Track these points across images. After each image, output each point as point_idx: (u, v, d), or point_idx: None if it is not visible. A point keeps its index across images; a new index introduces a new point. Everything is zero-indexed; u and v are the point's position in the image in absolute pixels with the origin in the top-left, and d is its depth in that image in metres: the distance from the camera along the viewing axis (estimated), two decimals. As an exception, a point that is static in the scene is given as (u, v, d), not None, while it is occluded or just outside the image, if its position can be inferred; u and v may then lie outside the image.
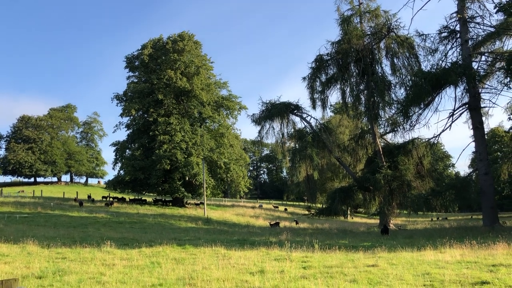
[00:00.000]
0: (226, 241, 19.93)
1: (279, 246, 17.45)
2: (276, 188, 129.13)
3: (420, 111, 31.02)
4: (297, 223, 42.77)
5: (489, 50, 33.51)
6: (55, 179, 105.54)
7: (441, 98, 29.85)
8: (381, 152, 37.32)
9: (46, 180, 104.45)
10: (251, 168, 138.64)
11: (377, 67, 36.18)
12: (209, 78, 60.17)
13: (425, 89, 26.79)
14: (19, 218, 31.77)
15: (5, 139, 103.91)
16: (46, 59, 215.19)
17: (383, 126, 37.57)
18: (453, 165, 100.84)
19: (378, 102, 35.24)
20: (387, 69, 36.34)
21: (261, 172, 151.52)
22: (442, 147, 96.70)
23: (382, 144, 39.10)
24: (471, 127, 31.58)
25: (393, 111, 35.51)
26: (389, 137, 40.74)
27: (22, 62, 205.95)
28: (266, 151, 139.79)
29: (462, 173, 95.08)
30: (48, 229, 26.47)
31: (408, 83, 31.16)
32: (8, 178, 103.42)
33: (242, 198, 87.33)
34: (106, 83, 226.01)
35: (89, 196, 60.26)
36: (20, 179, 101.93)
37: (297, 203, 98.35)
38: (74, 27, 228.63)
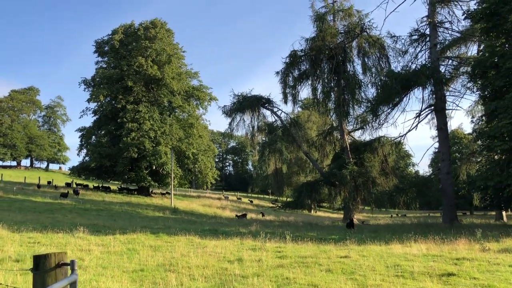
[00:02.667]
0: (198, 231, 20.13)
1: (252, 236, 17.83)
2: (241, 180, 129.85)
3: (389, 111, 32.17)
4: (263, 215, 43.34)
5: (455, 55, 35.02)
6: (14, 163, 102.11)
7: (409, 99, 31.11)
8: (349, 149, 38.35)
9: (5, 164, 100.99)
10: (216, 160, 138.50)
11: (348, 66, 37.11)
12: (180, 67, 59.70)
13: (394, 89, 27.78)
14: (-19, 202, 30.83)
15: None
16: (8, 39, 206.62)
17: (352, 123, 38.63)
18: (413, 164, 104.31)
19: (348, 100, 36.17)
20: (358, 68, 37.32)
21: (227, 164, 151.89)
22: (404, 146, 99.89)
23: (350, 141, 40.17)
24: (435, 128, 32.96)
25: (362, 109, 36.58)
26: (356, 134, 41.92)
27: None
28: (232, 143, 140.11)
29: (421, 172, 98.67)
30: (13, 213, 25.87)
31: (378, 83, 32.20)
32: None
33: (207, 189, 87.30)
34: (71, 67, 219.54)
35: (49, 182, 58.79)
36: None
37: (262, 196, 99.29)
38: (39, 6, 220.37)
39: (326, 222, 38.45)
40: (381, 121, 33.73)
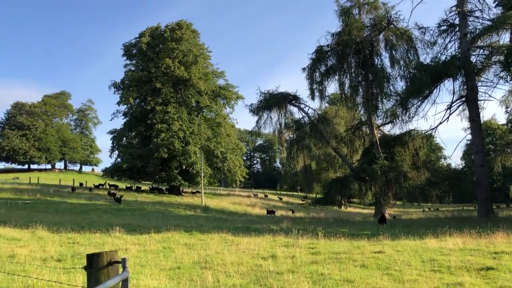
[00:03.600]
0: (230, 228, 20.32)
1: (284, 233, 17.90)
2: (269, 177, 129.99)
3: (419, 103, 31.56)
4: (293, 212, 43.32)
5: (486, 44, 34.03)
6: (49, 166, 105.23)
7: (439, 91, 30.39)
8: (378, 143, 37.87)
9: (40, 167, 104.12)
10: (244, 158, 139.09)
11: (376, 59, 36.66)
12: (207, 67, 60.24)
13: (424, 82, 27.26)
14: (21, 204, 31.95)
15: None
16: (40, 46, 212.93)
17: (381, 117, 38.11)
18: (445, 157, 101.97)
19: (377, 94, 35.72)
20: (386, 61, 36.79)
21: (255, 161, 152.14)
22: (435, 139, 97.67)
23: (379, 135, 39.66)
24: (467, 119, 32.17)
25: (391, 103, 36.05)
26: (386, 128, 41.35)
27: (15, 48, 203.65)
28: (259, 141, 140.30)
29: (453, 165, 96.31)
30: (51, 215, 26.74)
31: (407, 76, 31.63)
32: (1, 165, 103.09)
33: (236, 187, 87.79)
34: (101, 70, 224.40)
35: (81, 184, 60.17)
36: (14, 165, 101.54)
37: (291, 193, 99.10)
38: (69, 13, 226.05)
39: (357, 217, 38.15)
40: (411, 114, 33.18)
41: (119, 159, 54.34)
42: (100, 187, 57.22)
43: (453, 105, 31.16)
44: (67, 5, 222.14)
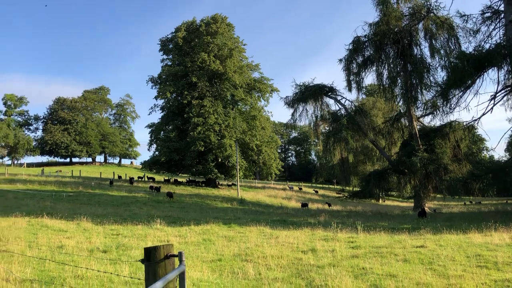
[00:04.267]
0: (267, 221, 20.42)
1: (323, 227, 17.82)
2: (304, 170, 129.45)
3: (461, 94, 30.52)
4: (329, 205, 43.02)
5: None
6: (89, 159, 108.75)
7: (482, 81, 29.24)
8: (418, 135, 36.97)
9: (81, 160, 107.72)
10: (279, 151, 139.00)
11: (415, 49, 35.69)
12: (242, 60, 60.38)
13: (467, 71, 26.31)
14: (65, 196, 33.15)
15: (42, 120, 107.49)
16: (80, 43, 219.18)
17: (420, 108, 37.12)
18: (487, 149, 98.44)
19: (416, 85, 34.81)
20: (426, 51, 35.77)
21: (289, 154, 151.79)
22: (477, 130, 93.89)
23: (418, 127, 38.70)
24: (512, 110, 30.94)
25: (431, 94, 35.04)
26: (426, 120, 40.28)
27: (56, 45, 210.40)
28: (294, 134, 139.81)
29: (496, 157, 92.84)
30: (93, 207, 27.62)
31: (448, 65, 30.60)
32: (45, 158, 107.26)
33: (271, 180, 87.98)
34: (138, 66, 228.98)
35: (119, 177, 61.64)
36: (57, 159, 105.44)
37: (327, 186, 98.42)
38: (106, 11, 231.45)
39: (395, 211, 37.51)
40: (452, 105, 32.12)
41: (157, 153, 55.45)
42: (139, 179, 58.64)
43: (497, 95, 29.98)
44: (105, 2, 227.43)
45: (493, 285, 8.04)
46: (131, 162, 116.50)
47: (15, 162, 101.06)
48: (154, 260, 3.07)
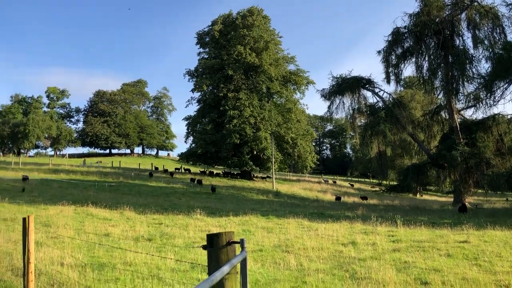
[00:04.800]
0: (304, 214, 20.47)
1: (362, 220, 17.73)
2: (339, 163, 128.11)
3: (506, 86, 29.44)
4: (366, 199, 42.48)
5: None
6: (128, 151, 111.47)
7: (530, 72, 28.05)
8: (458, 128, 35.96)
9: (120, 151, 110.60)
10: (313, 144, 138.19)
11: (457, 40, 34.62)
12: (277, 53, 60.24)
13: (512, 63, 25.37)
14: (107, 186, 34.23)
15: (82, 112, 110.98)
16: (117, 36, 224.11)
17: (462, 101, 36.04)
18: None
19: (458, 76, 33.79)
20: (469, 42, 34.64)
21: (324, 147, 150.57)
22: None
23: (459, 120, 37.61)
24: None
25: (474, 86, 33.94)
26: (466, 113, 39.11)
27: (95, 39, 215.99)
28: (329, 127, 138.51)
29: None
30: (134, 197, 28.42)
31: (492, 56, 29.51)
32: (85, 149, 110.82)
33: (306, 173, 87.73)
34: (175, 59, 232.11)
35: (156, 168, 62.64)
36: (97, 150, 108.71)
37: (362, 179, 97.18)
38: (143, 5, 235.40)
39: (434, 206, 36.77)
40: (496, 97, 31.01)
41: (193, 145, 56.25)
42: (176, 171, 59.77)
43: (545, 87, 28.77)
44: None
45: (543, 282, 7.83)
46: (168, 154, 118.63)
47: (58, 153, 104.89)
48: (217, 246, 3.21)
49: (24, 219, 6.59)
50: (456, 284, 7.57)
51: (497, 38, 32.69)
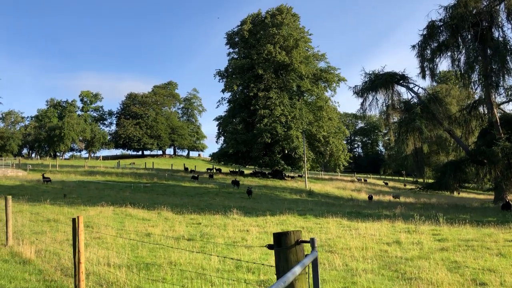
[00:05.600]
0: (342, 213, 20.12)
1: (403, 219, 17.27)
2: (371, 161, 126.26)
3: (550, 78, 28.23)
4: (397, 197, 41.42)
5: None
6: (160, 152, 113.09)
7: None
8: (498, 123, 34.73)
9: (152, 153, 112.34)
10: (344, 142, 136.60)
11: (496, 32, 33.43)
12: (307, 50, 59.82)
13: (558, 53, 24.24)
14: (142, 187, 34.71)
15: (115, 115, 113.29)
16: (145, 39, 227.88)
17: (503, 95, 34.81)
18: None
19: (497, 70, 32.62)
20: (509, 33, 33.43)
21: (355, 145, 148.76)
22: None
23: (499, 114, 36.34)
24: None
25: (515, 79, 32.70)
26: (506, 107, 37.78)
27: (123, 43, 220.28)
28: (360, 124, 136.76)
29: None
30: (169, 197, 28.69)
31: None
32: (119, 151, 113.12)
33: (338, 172, 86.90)
34: (204, 60, 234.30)
35: (186, 169, 62.63)
36: (129, 152, 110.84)
37: (396, 177, 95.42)
38: (170, 7, 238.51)
39: (474, 203, 35.61)
40: (539, 90, 29.81)
41: (225, 145, 56.47)
42: (209, 171, 60.15)
43: None
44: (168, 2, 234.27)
45: None
46: (199, 154, 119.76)
47: (92, 155, 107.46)
48: (286, 246, 3.07)
49: (73, 220, 6.64)
50: (515, 285, 7.19)
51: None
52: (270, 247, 3.25)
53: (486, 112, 37.05)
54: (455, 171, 36.65)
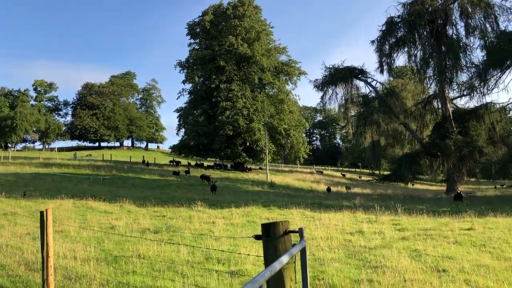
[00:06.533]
0: (306, 204, 20.47)
1: (363, 209, 17.79)
2: (329, 154, 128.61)
3: (499, 74, 29.70)
4: (349, 188, 42.06)
5: None
6: (117, 144, 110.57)
7: (523, 61, 28.33)
8: (451, 117, 36.27)
9: (110, 144, 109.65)
10: (304, 135, 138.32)
11: (450, 30, 34.82)
12: (269, 43, 59.96)
13: (507, 51, 25.53)
14: (101, 180, 33.90)
15: (71, 105, 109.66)
16: (105, 28, 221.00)
17: (456, 90, 36.34)
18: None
19: (451, 66, 34.02)
20: (462, 31, 34.82)
21: (314, 138, 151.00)
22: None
23: (452, 109, 37.94)
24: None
25: (467, 75, 34.22)
26: (459, 102, 39.45)
27: (82, 31, 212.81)
28: (319, 117, 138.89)
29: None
30: (130, 190, 28.19)
31: (489, 45, 29.69)
32: (74, 143, 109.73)
33: (298, 164, 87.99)
34: (163, 51, 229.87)
35: (143, 161, 61.33)
36: (86, 143, 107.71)
37: (353, 169, 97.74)
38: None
39: (428, 194, 37.05)
40: (490, 86, 31.31)
41: (186, 137, 55.89)
42: (171, 164, 59.43)
43: (538, 75, 29.06)
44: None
45: (556, 268, 7.90)
46: (158, 147, 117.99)
47: (46, 146, 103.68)
48: (274, 236, 3.14)
49: (42, 213, 6.45)
50: (472, 271, 7.61)
51: (490, 27, 32.92)
52: (257, 237, 3.32)
53: (440, 106, 38.56)
54: (410, 163, 38.06)
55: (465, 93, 35.18)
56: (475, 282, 6.79)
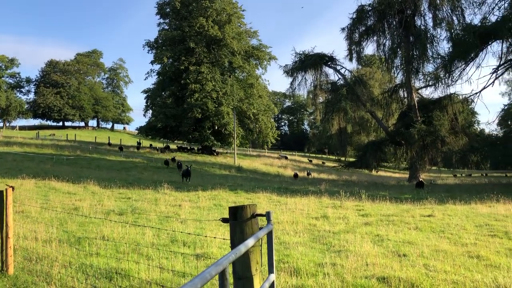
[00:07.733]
0: (272, 189, 20.65)
1: (328, 194, 18.09)
2: (297, 140, 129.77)
3: (464, 66, 30.54)
4: (309, 174, 42.37)
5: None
6: (82, 124, 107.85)
7: (485, 54, 29.23)
8: (416, 107, 37.16)
9: (74, 124, 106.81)
10: (272, 120, 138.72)
11: (418, 20, 35.43)
12: (240, 26, 59.39)
13: (471, 44, 26.25)
14: (65, 160, 33.05)
15: (34, 83, 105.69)
16: (71, 3, 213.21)
17: (422, 80, 37.18)
18: (478, 122, 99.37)
19: (418, 56, 34.71)
20: (430, 22, 35.51)
21: (282, 124, 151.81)
22: (475, 104, 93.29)
23: (417, 98, 38.85)
24: (507, 84, 31.07)
25: (433, 66, 35.03)
26: (424, 92, 40.41)
27: (48, 5, 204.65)
28: (288, 103, 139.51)
29: (487, 130, 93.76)
30: (94, 171, 27.65)
31: (455, 37, 30.40)
32: (37, 122, 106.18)
33: (266, 149, 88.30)
34: (132, 30, 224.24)
35: (110, 143, 60.25)
36: (49, 122, 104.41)
37: (319, 155, 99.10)
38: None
39: (391, 181, 38.02)
40: (454, 77, 32.21)
41: (153, 118, 55.03)
42: (138, 145, 58.39)
43: (499, 69, 30.04)
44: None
45: (508, 253, 8.29)
46: (124, 128, 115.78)
47: (7, 124, 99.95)
48: (242, 219, 3.14)
49: (1, 192, 6.24)
50: (431, 256, 7.87)
51: (456, 19, 33.69)
52: (225, 220, 3.31)
53: (405, 96, 39.42)
54: (376, 151, 38.89)
55: (430, 84, 36.08)
56: (434, 267, 7.02)
